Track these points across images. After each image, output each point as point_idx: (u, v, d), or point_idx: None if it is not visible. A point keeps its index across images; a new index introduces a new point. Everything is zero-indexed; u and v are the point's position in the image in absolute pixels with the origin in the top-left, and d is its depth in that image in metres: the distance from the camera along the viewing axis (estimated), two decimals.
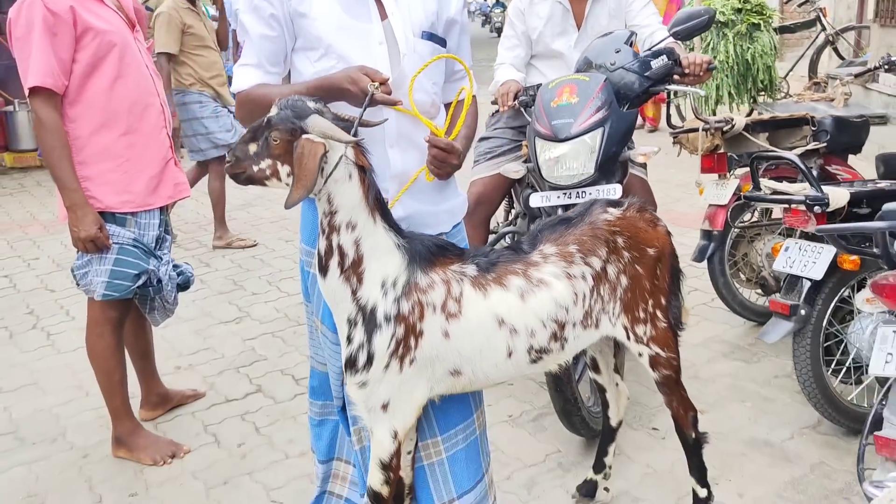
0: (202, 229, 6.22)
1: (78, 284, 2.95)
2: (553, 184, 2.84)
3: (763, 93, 7.01)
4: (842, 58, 8.15)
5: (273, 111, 1.78)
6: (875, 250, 2.22)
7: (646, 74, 2.93)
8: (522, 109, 3.20)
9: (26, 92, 2.66)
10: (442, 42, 2.10)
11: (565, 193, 2.84)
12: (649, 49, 3.06)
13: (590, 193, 2.78)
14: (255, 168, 1.78)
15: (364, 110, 1.81)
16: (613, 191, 2.78)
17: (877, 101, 6.91)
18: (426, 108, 2.06)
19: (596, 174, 2.79)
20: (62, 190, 2.72)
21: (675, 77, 3.01)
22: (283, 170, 1.77)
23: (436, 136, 1.97)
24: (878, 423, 2.03)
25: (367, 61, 1.94)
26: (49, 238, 6.16)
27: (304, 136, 1.72)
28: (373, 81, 1.82)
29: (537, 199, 2.90)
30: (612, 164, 2.86)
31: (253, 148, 1.78)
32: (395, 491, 2.07)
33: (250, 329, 4.26)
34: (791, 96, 7.43)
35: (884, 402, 2.02)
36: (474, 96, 2.22)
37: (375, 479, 1.98)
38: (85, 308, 4.53)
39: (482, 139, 3.55)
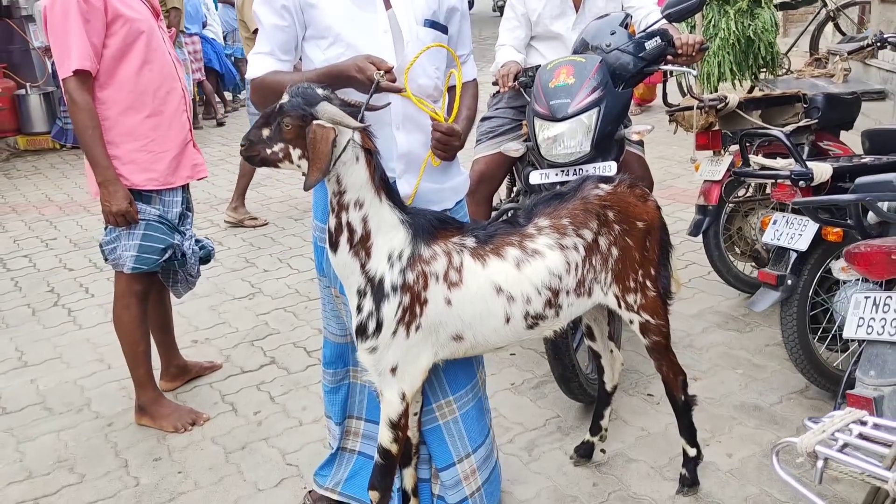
0: (213, 209, 6.38)
1: (106, 259, 3.11)
2: (551, 161, 2.97)
3: (764, 69, 7.09)
4: (843, 34, 8.18)
5: (284, 98, 1.91)
6: (849, 222, 2.36)
7: (640, 55, 3.05)
8: (522, 90, 3.33)
9: (64, 75, 2.80)
10: (444, 29, 2.24)
11: (563, 171, 2.97)
12: (644, 31, 3.17)
13: (586, 170, 2.91)
14: (269, 151, 1.93)
15: (370, 97, 1.95)
16: (609, 168, 2.91)
17: (876, 77, 6.97)
18: (429, 91, 2.21)
19: (592, 152, 2.92)
20: (95, 167, 2.87)
21: (669, 57, 3.13)
22: (295, 153, 1.91)
23: (437, 121, 2.11)
24: (852, 383, 2.17)
25: (373, 49, 2.07)
26: (65, 219, 6.33)
27: (315, 122, 1.86)
28: (378, 69, 1.96)
29: (536, 177, 3.04)
30: (608, 142, 2.99)
31: (266, 132, 1.92)
32: (403, 450, 2.24)
33: (263, 304, 4.43)
34: (792, 73, 7.51)
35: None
36: (475, 79, 2.37)
37: (385, 437, 2.14)
38: (104, 286, 4.74)
39: (484, 119, 3.68)
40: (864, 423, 1.01)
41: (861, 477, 0.92)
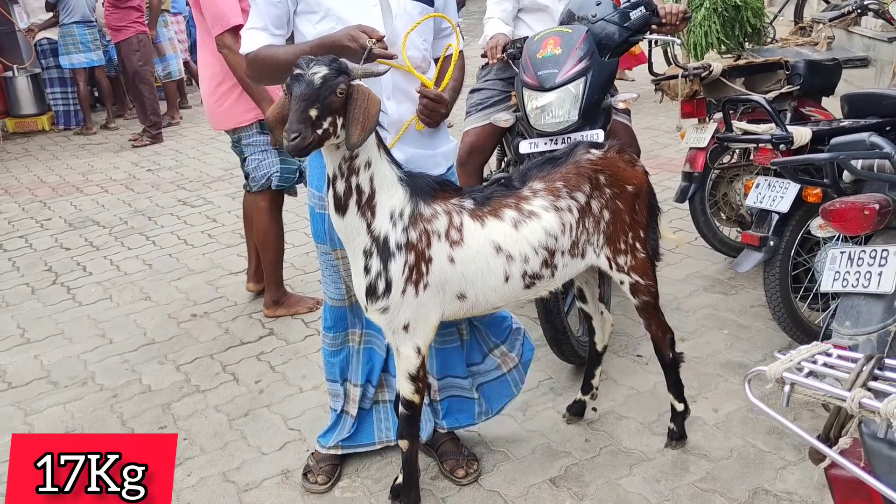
0: (206, 187, 6.43)
1: (250, 188, 3.87)
2: (540, 131, 3.05)
3: (749, 39, 7.13)
4: (827, 1, 8.24)
5: (322, 70, 1.86)
6: (825, 181, 2.45)
7: (625, 25, 3.12)
8: (510, 62, 3.39)
9: (223, 30, 3.44)
10: (430, 2, 2.31)
11: (552, 140, 3.04)
12: (628, 1, 3.23)
13: (574, 139, 2.99)
14: (320, 131, 1.87)
15: (362, 63, 2.01)
16: (597, 136, 2.99)
17: (859, 44, 7.05)
18: (417, 62, 2.28)
19: (580, 121, 2.99)
20: (262, 102, 3.49)
21: (653, 27, 3.20)
22: (339, 122, 1.91)
23: (427, 87, 2.18)
24: (830, 335, 2.28)
25: (363, 22, 2.15)
26: (59, 200, 6.38)
27: (355, 83, 1.90)
28: (370, 38, 2.03)
29: (526, 146, 3.11)
30: (595, 111, 3.06)
31: (314, 113, 1.85)
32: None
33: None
34: (777, 41, 7.56)
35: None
36: (461, 51, 2.44)
37: (407, 390, 2.26)
38: (101, 264, 4.86)
39: (473, 91, 3.74)
40: (829, 355, 1.10)
41: (823, 398, 1.02)
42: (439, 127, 2.37)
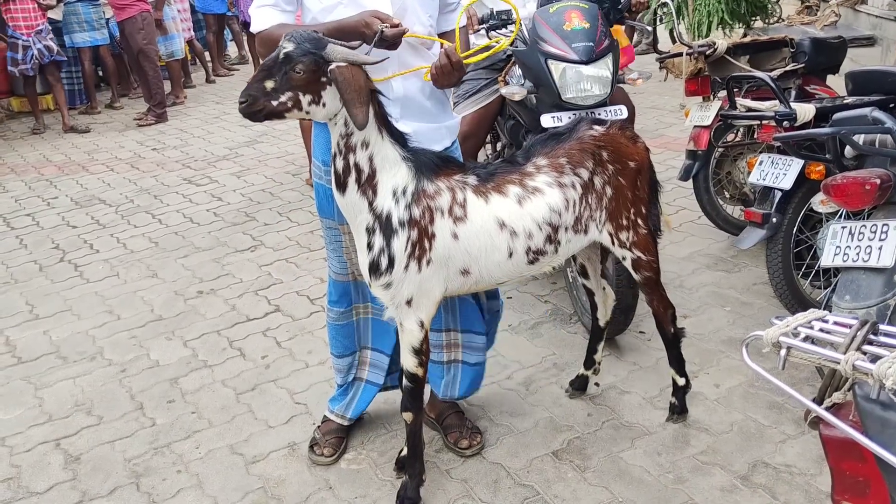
0: (211, 166, 6.45)
1: None
2: (573, 104, 3.00)
3: (757, 16, 7.10)
4: None
5: (289, 47, 1.94)
6: (827, 156, 2.46)
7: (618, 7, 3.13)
8: (494, 33, 3.31)
9: None
10: None
11: (575, 113, 3.00)
12: None
13: (600, 113, 2.98)
14: (275, 103, 1.94)
15: (372, 45, 2.04)
16: (620, 111, 2.99)
17: (865, 23, 7.01)
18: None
19: (611, 95, 3.00)
20: None
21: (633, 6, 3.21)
22: (305, 99, 1.96)
23: (454, 52, 2.18)
24: (830, 310, 2.30)
25: None
26: (65, 178, 6.40)
27: (334, 64, 1.92)
28: (383, 24, 2.04)
29: (548, 120, 3.04)
30: (615, 86, 3.08)
31: (270, 84, 1.93)
32: None
33: (265, 256, 4.53)
34: (783, 20, 7.54)
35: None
36: (465, 26, 2.48)
37: (410, 363, 2.29)
38: (108, 242, 4.90)
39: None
40: (825, 321, 1.13)
41: (818, 361, 1.05)
42: (443, 103, 2.39)
